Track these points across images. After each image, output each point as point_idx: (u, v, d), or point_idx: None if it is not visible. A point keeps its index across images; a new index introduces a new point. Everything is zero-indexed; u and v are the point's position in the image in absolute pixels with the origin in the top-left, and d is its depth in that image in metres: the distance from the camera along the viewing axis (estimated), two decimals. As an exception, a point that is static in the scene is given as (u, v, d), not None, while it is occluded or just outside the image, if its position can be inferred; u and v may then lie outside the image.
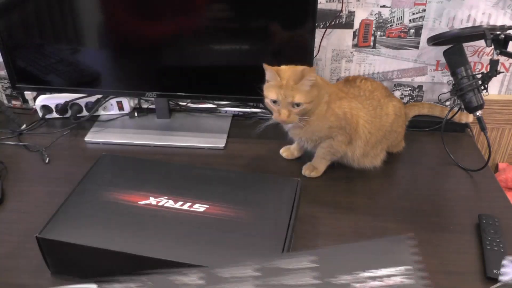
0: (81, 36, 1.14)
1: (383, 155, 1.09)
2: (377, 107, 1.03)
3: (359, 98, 1.02)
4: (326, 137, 1.00)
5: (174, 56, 1.15)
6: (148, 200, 0.85)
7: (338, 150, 1.02)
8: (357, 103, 1.01)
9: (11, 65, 1.18)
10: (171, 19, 1.10)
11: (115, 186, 0.88)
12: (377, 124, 1.03)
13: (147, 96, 1.20)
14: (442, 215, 0.95)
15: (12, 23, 1.13)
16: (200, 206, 0.83)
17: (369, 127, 1.02)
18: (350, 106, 0.99)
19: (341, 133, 0.99)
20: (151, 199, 0.85)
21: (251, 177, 0.93)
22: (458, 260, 0.84)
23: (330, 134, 0.99)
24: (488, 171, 1.07)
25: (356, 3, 1.18)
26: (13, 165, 1.12)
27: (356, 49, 1.24)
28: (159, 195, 0.85)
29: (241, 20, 1.09)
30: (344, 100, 1.00)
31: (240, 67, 1.15)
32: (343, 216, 0.95)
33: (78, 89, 1.23)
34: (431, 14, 1.18)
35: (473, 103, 1.06)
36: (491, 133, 1.33)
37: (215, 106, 1.34)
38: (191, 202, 0.84)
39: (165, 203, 0.84)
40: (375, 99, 1.04)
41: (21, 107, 1.42)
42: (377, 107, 1.03)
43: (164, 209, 0.83)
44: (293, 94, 0.90)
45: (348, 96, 1.01)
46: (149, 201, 0.84)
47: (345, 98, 1.00)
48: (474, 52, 1.22)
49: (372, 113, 1.02)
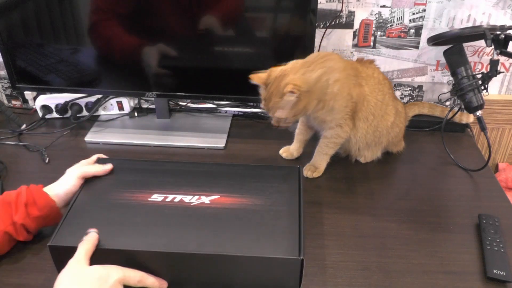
0: (81, 36, 1.14)
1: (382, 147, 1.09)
2: (386, 94, 1.02)
3: (372, 79, 1.00)
4: (338, 120, 0.97)
5: (174, 56, 1.15)
6: (156, 197, 0.83)
7: (343, 137, 1.01)
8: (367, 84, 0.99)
9: (11, 65, 1.18)
10: (171, 19, 1.10)
11: (120, 187, 0.86)
12: (382, 110, 1.02)
13: (147, 96, 1.20)
14: (442, 215, 0.95)
15: (12, 23, 1.13)
16: (210, 198, 0.83)
17: (373, 110, 1.00)
18: (360, 89, 0.98)
19: (350, 116, 0.98)
20: (159, 196, 0.83)
21: (254, 167, 0.93)
22: (458, 260, 0.84)
23: (344, 115, 0.97)
24: (488, 171, 1.07)
25: (356, 3, 1.18)
26: (13, 165, 1.12)
27: (356, 49, 1.24)
28: (167, 192, 0.84)
29: (241, 20, 1.09)
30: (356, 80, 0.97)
31: (240, 67, 1.14)
32: (343, 216, 0.95)
33: (78, 89, 1.23)
34: (431, 14, 1.18)
35: (473, 103, 1.06)
36: (491, 133, 1.33)
37: (215, 106, 1.34)
38: (200, 195, 0.83)
39: (174, 199, 0.83)
40: (386, 86, 1.03)
41: (21, 107, 1.42)
42: (386, 94, 1.02)
43: (175, 204, 0.82)
44: (274, 110, 0.90)
45: (361, 74, 0.99)
46: (157, 198, 0.83)
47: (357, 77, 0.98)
48: (474, 52, 1.22)
49: (380, 98, 1.01)
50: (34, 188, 0.84)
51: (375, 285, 0.80)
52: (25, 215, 0.80)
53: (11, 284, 0.80)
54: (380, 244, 0.88)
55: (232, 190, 0.85)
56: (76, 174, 0.86)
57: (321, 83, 0.91)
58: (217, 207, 0.81)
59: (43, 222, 0.84)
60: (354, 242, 0.89)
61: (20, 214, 0.80)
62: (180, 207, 0.81)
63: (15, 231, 0.81)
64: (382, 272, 0.82)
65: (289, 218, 0.79)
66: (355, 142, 1.04)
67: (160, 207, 0.81)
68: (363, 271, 0.82)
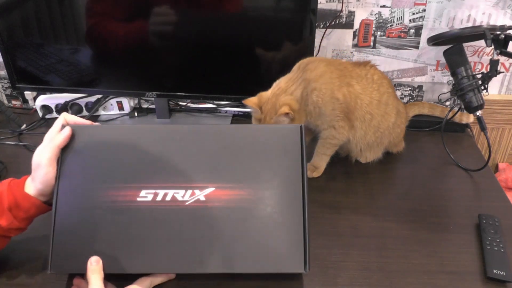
0: (81, 36, 1.14)
1: (383, 148, 1.09)
2: (384, 94, 1.01)
3: (363, 79, 1.00)
4: (330, 122, 0.98)
5: (174, 56, 1.15)
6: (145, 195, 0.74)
7: (340, 138, 1.01)
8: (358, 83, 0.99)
9: (11, 65, 1.18)
10: (171, 19, 1.10)
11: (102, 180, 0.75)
12: (381, 109, 1.01)
13: (147, 96, 1.20)
14: (442, 215, 0.95)
15: (12, 23, 1.13)
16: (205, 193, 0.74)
17: (369, 108, 1.00)
18: (349, 89, 0.97)
19: (342, 118, 0.98)
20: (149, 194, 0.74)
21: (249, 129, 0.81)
22: (458, 260, 0.84)
23: (334, 117, 0.97)
24: (488, 171, 1.07)
25: (356, 3, 1.17)
26: (13, 165, 1.12)
27: (356, 49, 1.24)
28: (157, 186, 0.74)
29: (241, 20, 1.09)
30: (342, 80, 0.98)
31: (240, 67, 1.14)
32: (343, 216, 0.95)
33: (78, 89, 1.23)
34: (431, 14, 1.18)
35: (473, 103, 1.06)
36: (491, 133, 1.33)
37: (215, 106, 1.34)
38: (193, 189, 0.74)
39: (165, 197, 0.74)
40: (383, 85, 1.02)
41: (21, 107, 1.42)
42: (384, 94, 1.01)
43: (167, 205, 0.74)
44: None
45: (350, 74, 0.99)
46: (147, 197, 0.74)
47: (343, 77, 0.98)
48: (474, 52, 1.22)
49: (376, 96, 1.00)
50: (16, 189, 0.76)
51: (375, 285, 0.80)
52: (12, 219, 0.75)
53: (11, 284, 0.80)
54: (380, 244, 0.88)
55: (228, 178, 0.75)
56: (46, 159, 0.75)
57: (304, 98, 0.96)
58: (214, 206, 0.74)
59: (32, 218, 0.78)
60: (354, 242, 0.88)
61: (5, 219, 0.74)
62: (174, 209, 0.74)
63: (4, 233, 0.76)
64: (382, 272, 0.82)
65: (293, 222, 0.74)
66: (356, 143, 1.04)
67: (151, 211, 0.74)
68: (363, 271, 0.82)
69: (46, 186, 0.75)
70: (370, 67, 1.04)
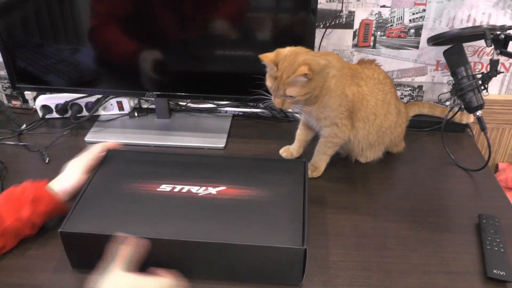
0: (81, 36, 1.14)
1: (384, 147, 1.09)
2: (387, 94, 1.02)
3: (371, 80, 1.01)
4: (333, 119, 0.98)
5: (174, 56, 1.15)
6: (164, 187, 0.86)
7: (341, 137, 1.01)
8: (366, 85, 0.99)
9: (11, 65, 1.18)
10: (171, 20, 1.10)
11: (129, 177, 0.89)
12: (384, 108, 1.02)
13: (147, 96, 1.20)
14: (442, 215, 0.95)
15: (12, 23, 1.13)
16: (217, 189, 0.86)
17: (374, 109, 1.00)
18: (358, 89, 0.98)
19: (346, 116, 0.98)
20: (168, 187, 0.86)
21: (260, 160, 0.97)
22: (458, 260, 0.84)
23: (338, 113, 0.97)
24: (488, 171, 1.07)
25: (356, 3, 1.18)
26: (13, 165, 1.12)
27: (356, 49, 1.24)
28: (175, 183, 0.87)
29: (241, 20, 1.09)
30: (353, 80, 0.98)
31: (240, 67, 1.14)
32: (343, 216, 0.95)
33: (78, 89, 1.23)
34: (431, 14, 1.18)
35: (473, 103, 1.06)
36: (491, 133, 1.33)
37: (215, 106, 1.34)
38: (207, 186, 0.86)
39: (182, 189, 0.86)
40: (387, 85, 1.03)
41: (21, 107, 1.42)
42: (387, 94, 1.02)
43: (182, 195, 0.84)
44: (285, 88, 0.90)
45: (360, 75, 1.00)
46: (166, 188, 0.86)
47: (355, 77, 0.98)
48: (474, 52, 1.22)
49: (381, 97, 1.01)
50: (39, 184, 0.86)
51: (375, 285, 0.80)
52: (32, 211, 0.82)
53: (11, 284, 0.80)
54: (380, 244, 0.88)
55: (239, 182, 0.88)
56: (81, 169, 0.89)
57: (324, 72, 0.92)
58: (223, 197, 0.84)
59: (49, 216, 0.86)
60: (354, 242, 0.89)
61: (27, 209, 0.82)
62: (188, 197, 0.84)
63: (21, 226, 0.82)
64: (382, 272, 0.82)
65: (294, 209, 0.81)
66: (358, 143, 1.04)
67: (168, 197, 0.84)
68: (363, 271, 0.82)
69: (71, 188, 0.87)
70: (375, 65, 1.04)
